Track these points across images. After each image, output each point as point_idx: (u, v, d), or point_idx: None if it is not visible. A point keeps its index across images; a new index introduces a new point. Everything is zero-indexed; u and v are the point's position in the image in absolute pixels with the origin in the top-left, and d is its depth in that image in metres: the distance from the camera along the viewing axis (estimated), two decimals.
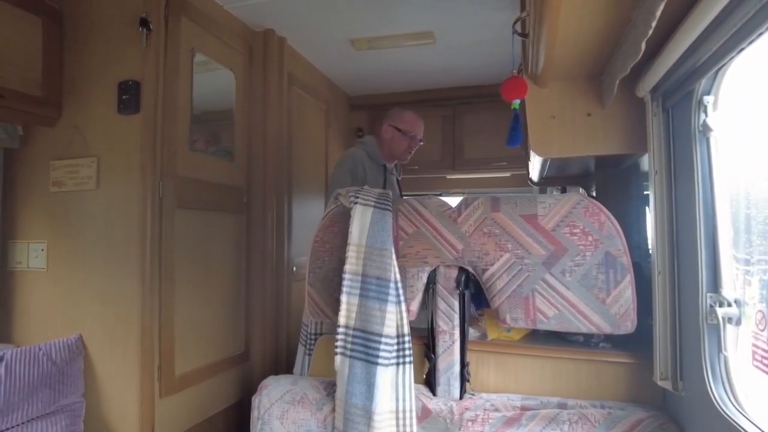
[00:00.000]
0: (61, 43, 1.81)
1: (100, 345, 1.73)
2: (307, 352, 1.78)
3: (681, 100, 0.90)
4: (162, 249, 1.74)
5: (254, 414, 1.11)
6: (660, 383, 0.96)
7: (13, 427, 1.57)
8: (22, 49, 1.68)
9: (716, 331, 0.81)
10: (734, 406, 0.78)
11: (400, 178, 2.48)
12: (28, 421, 1.59)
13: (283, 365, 2.37)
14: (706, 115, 0.84)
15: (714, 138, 0.84)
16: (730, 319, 0.79)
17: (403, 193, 2.50)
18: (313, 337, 1.76)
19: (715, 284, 0.83)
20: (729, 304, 0.80)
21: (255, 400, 1.12)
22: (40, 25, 1.74)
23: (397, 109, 2.41)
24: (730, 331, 0.80)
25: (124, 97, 1.71)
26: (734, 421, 0.74)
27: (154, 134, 1.72)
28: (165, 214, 1.76)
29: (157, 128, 1.73)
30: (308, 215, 2.69)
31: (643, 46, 0.76)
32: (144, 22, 1.69)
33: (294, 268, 2.49)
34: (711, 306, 0.82)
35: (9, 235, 1.89)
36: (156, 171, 1.72)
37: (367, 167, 2.19)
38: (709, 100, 0.83)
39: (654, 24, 0.69)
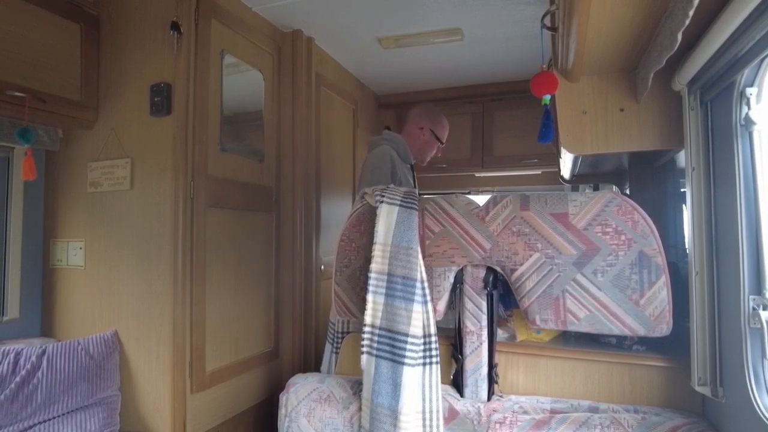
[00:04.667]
0: (98, 48, 1.87)
1: (134, 340, 1.79)
2: (335, 350, 1.79)
3: (721, 92, 0.86)
4: (193, 248, 1.78)
5: (282, 411, 1.12)
6: (698, 389, 0.92)
7: (54, 418, 1.63)
8: (62, 56, 1.75)
9: (760, 335, 0.77)
10: None
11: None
12: (68, 412, 1.66)
13: (312, 363, 2.39)
14: (749, 108, 0.80)
15: (758, 132, 0.80)
16: None
17: (431, 192, 2.44)
18: (340, 335, 1.77)
19: (758, 286, 0.79)
20: None
21: (282, 398, 1.14)
22: (78, 31, 1.80)
23: (435, 111, 2.26)
24: None
25: (156, 99, 1.75)
26: None
27: (185, 135, 1.76)
28: (196, 214, 1.79)
29: (188, 129, 1.77)
30: (336, 214, 2.70)
31: (680, 37, 0.73)
32: (175, 26, 1.73)
33: (322, 267, 2.51)
34: (754, 309, 0.78)
35: (51, 234, 1.98)
36: (187, 171, 1.76)
37: (398, 168, 2.10)
38: (752, 92, 0.79)
39: (692, 13, 0.66)
